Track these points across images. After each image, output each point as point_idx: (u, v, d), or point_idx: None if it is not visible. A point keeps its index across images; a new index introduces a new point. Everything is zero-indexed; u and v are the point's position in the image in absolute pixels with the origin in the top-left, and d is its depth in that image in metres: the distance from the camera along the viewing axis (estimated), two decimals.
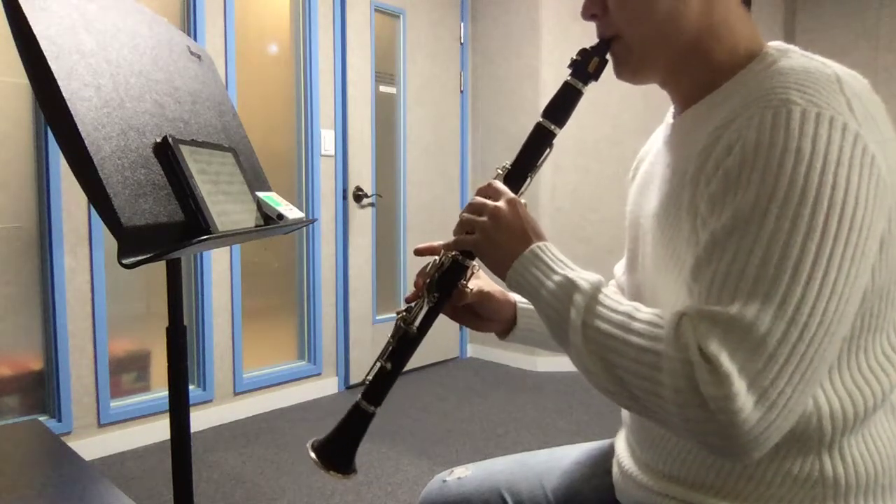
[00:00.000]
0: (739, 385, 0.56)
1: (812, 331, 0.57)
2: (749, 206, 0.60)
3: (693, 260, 0.65)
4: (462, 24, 3.94)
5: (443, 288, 0.85)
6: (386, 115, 3.60)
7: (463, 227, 0.81)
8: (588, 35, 0.79)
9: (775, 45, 0.72)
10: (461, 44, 3.95)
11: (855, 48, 3.66)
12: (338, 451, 0.84)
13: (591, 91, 0.84)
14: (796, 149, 0.58)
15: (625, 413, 0.88)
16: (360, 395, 0.85)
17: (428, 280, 0.86)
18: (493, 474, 0.97)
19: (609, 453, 0.95)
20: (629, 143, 3.69)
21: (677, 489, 0.74)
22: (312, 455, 0.83)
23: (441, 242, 0.87)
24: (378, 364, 0.85)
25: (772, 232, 0.58)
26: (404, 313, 0.86)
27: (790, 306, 0.57)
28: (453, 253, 0.84)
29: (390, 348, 0.85)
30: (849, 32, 3.67)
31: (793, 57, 0.68)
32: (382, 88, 3.56)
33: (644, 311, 0.66)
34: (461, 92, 3.97)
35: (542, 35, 3.64)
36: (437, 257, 0.87)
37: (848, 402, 0.65)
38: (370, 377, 0.85)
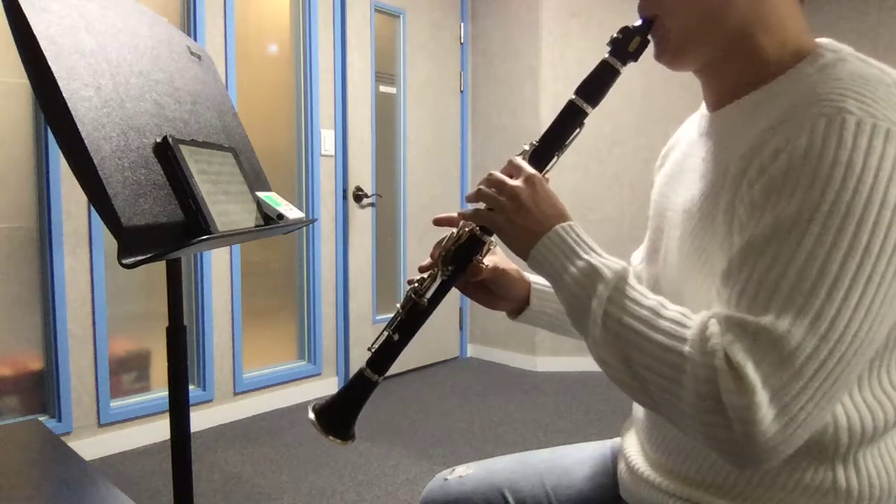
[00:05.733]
0: (762, 396, 0.54)
1: (843, 350, 0.55)
2: (791, 215, 0.57)
3: (725, 263, 0.62)
4: (462, 24, 3.94)
5: (458, 261, 0.82)
6: (386, 115, 3.60)
7: (480, 200, 0.77)
8: (587, 35, 0.78)
9: (827, 43, 0.69)
10: (461, 44, 3.95)
11: (855, 48, 3.65)
12: (338, 417, 0.82)
13: None
14: (847, 161, 0.56)
15: (636, 411, 0.87)
16: (364, 364, 0.82)
17: (443, 252, 0.82)
18: (495, 473, 0.97)
19: (611, 453, 0.95)
20: (629, 143, 3.69)
21: (690, 490, 0.73)
22: (312, 417, 0.81)
23: (460, 213, 0.84)
24: (385, 333, 0.82)
25: (812, 244, 0.56)
26: (416, 284, 0.83)
27: (824, 323, 0.55)
28: (471, 226, 0.81)
29: (399, 319, 0.82)
30: (849, 32, 3.67)
31: (849, 60, 0.65)
32: (382, 88, 3.56)
33: (670, 309, 0.64)
34: (461, 92, 3.97)
35: (542, 35, 3.64)
36: (454, 230, 0.84)
37: (868, 417, 0.64)
38: (376, 346, 0.82)
